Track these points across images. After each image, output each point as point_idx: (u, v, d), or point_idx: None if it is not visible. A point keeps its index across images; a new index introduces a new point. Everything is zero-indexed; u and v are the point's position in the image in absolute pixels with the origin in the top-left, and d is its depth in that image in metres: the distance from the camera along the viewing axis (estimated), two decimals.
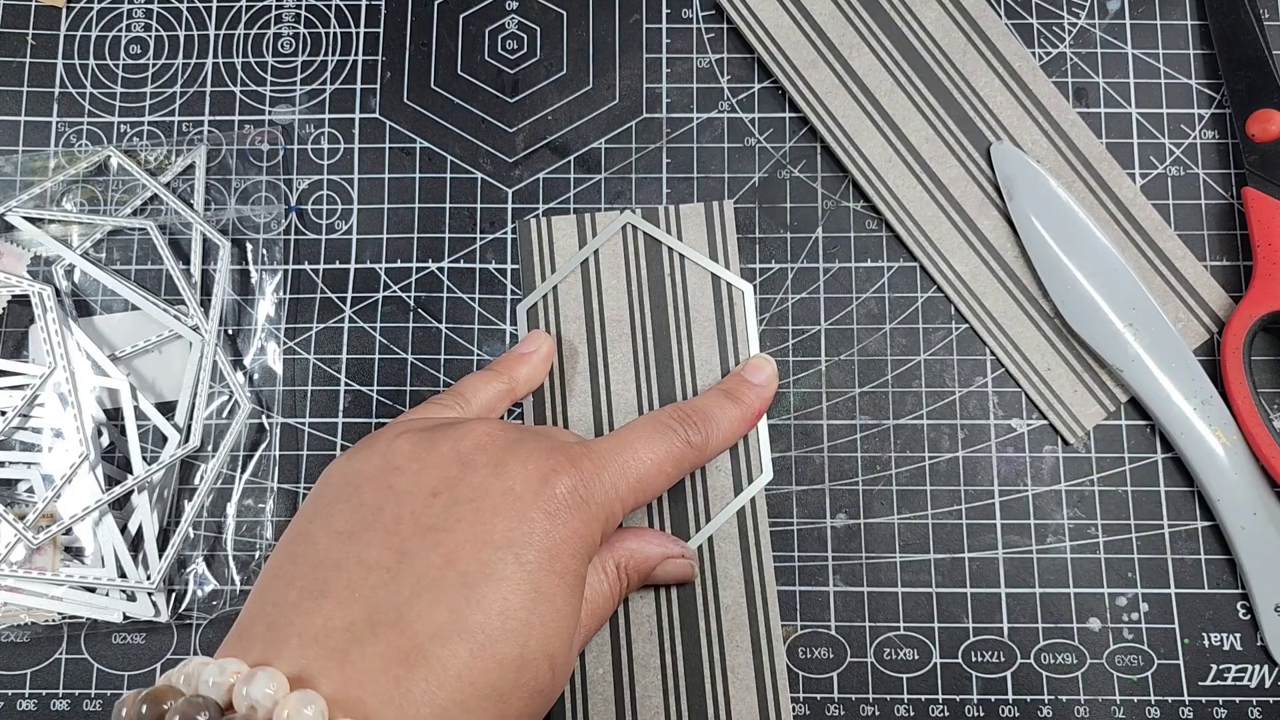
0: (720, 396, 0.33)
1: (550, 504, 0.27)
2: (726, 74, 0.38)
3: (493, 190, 0.38)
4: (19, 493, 0.35)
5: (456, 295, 0.37)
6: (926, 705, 0.34)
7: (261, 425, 0.36)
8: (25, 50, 0.39)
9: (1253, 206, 0.35)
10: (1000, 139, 0.37)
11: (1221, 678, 0.34)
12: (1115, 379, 0.35)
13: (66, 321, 0.36)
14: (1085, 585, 0.35)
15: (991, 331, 0.36)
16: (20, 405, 0.35)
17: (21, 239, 0.37)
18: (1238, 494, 0.34)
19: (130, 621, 0.35)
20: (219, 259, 0.37)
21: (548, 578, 0.26)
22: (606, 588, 0.31)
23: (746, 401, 0.34)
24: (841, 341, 0.37)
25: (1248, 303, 0.35)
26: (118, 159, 0.37)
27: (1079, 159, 0.37)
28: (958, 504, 0.35)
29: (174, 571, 0.35)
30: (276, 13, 0.39)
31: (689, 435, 0.31)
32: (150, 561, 0.35)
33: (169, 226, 0.37)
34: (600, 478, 0.28)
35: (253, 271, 0.37)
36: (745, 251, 0.37)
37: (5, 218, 0.37)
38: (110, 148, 0.37)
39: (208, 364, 0.36)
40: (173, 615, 0.35)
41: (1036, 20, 0.38)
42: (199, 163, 0.38)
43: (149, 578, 0.34)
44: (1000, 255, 0.36)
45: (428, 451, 0.28)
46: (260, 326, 0.37)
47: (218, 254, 0.37)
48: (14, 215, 0.37)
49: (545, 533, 0.26)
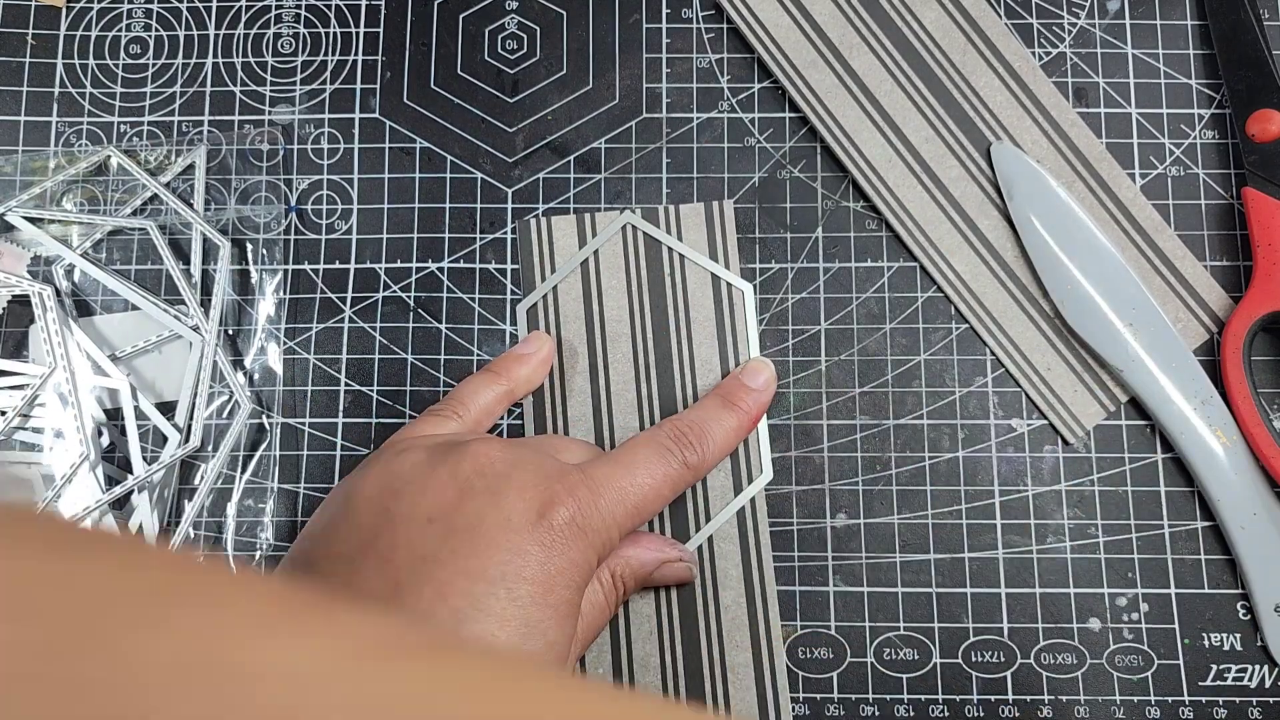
0: (717, 406, 0.33)
1: (546, 536, 0.27)
2: (726, 74, 0.38)
3: (493, 190, 0.38)
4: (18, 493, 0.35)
5: (456, 295, 0.37)
6: (926, 705, 0.34)
7: (262, 425, 0.36)
8: (25, 50, 0.39)
9: (1253, 207, 0.35)
10: (1000, 139, 0.37)
11: (1221, 678, 0.34)
12: (1115, 379, 0.35)
13: (66, 321, 0.36)
14: (1085, 585, 0.35)
15: (991, 331, 0.36)
16: (20, 405, 0.35)
17: (21, 239, 0.37)
18: (1238, 494, 0.34)
19: None
20: (219, 259, 0.37)
21: (540, 611, 0.26)
22: (602, 598, 0.31)
23: (744, 408, 0.34)
24: (841, 341, 0.37)
25: (1248, 303, 0.35)
26: (118, 159, 0.37)
27: (1079, 159, 0.37)
28: (958, 504, 0.35)
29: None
30: (276, 13, 0.39)
31: (686, 456, 0.31)
32: None
33: (169, 226, 0.37)
34: (598, 505, 0.28)
35: (253, 272, 0.37)
36: (745, 251, 0.37)
37: (5, 218, 0.37)
38: (110, 148, 0.37)
39: (208, 364, 0.36)
40: None
41: (1036, 20, 0.38)
42: (199, 163, 0.38)
43: None
44: (1000, 255, 0.36)
45: (425, 476, 0.28)
46: (260, 327, 0.37)
47: (218, 254, 0.37)
48: (14, 215, 0.37)
49: (540, 565, 0.26)
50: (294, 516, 0.36)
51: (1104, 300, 0.35)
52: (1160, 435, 0.35)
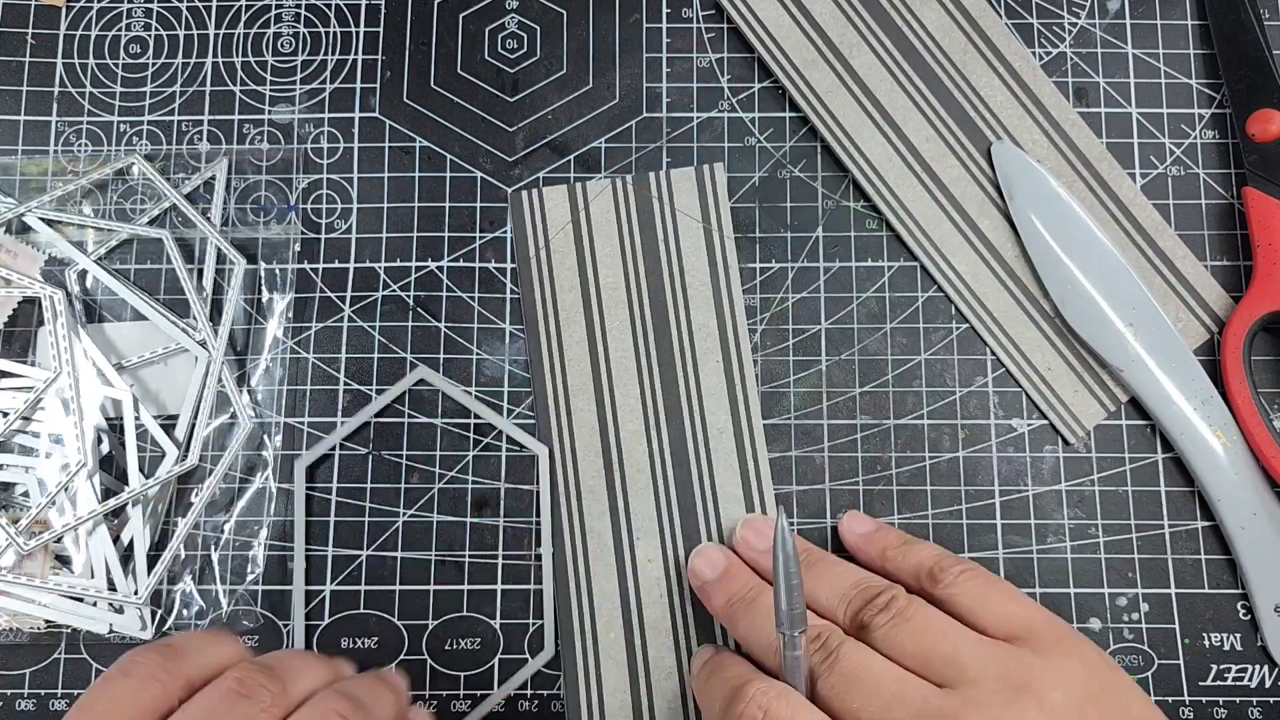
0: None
1: None
2: (726, 74, 0.38)
3: (492, 189, 0.38)
4: (15, 496, 0.35)
5: (456, 294, 0.37)
6: None
7: (260, 447, 0.36)
8: (25, 50, 0.39)
9: (1253, 206, 0.35)
10: (1001, 139, 0.37)
11: (1221, 678, 0.34)
12: (1115, 379, 0.35)
13: (75, 327, 0.36)
14: (1085, 585, 0.35)
15: (992, 331, 0.36)
16: (23, 408, 0.35)
17: (38, 240, 0.37)
18: (1238, 494, 0.34)
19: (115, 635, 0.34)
20: (233, 277, 0.36)
21: None
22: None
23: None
24: (842, 341, 0.37)
25: (1248, 302, 0.35)
26: (140, 166, 0.37)
27: (1079, 159, 0.37)
28: (958, 504, 0.35)
29: (162, 587, 0.35)
30: (276, 12, 0.39)
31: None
32: (139, 576, 0.34)
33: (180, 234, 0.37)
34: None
35: (264, 292, 0.37)
36: (745, 251, 0.37)
37: (24, 218, 0.37)
38: (136, 155, 0.37)
39: (212, 380, 0.36)
40: (157, 634, 0.35)
41: (1036, 20, 0.38)
42: (219, 175, 0.38)
43: (136, 592, 0.34)
44: (1001, 255, 0.36)
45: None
46: (268, 348, 0.37)
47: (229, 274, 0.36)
48: (31, 216, 0.37)
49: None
50: (292, 517, 0.36)
51: (1104, 300, 0.35)
52: (1160, 435, 0.35)
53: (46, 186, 0.37)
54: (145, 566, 0.34)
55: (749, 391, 0.35)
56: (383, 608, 0.35)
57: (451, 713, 0.34)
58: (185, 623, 0.35)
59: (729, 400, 0.35)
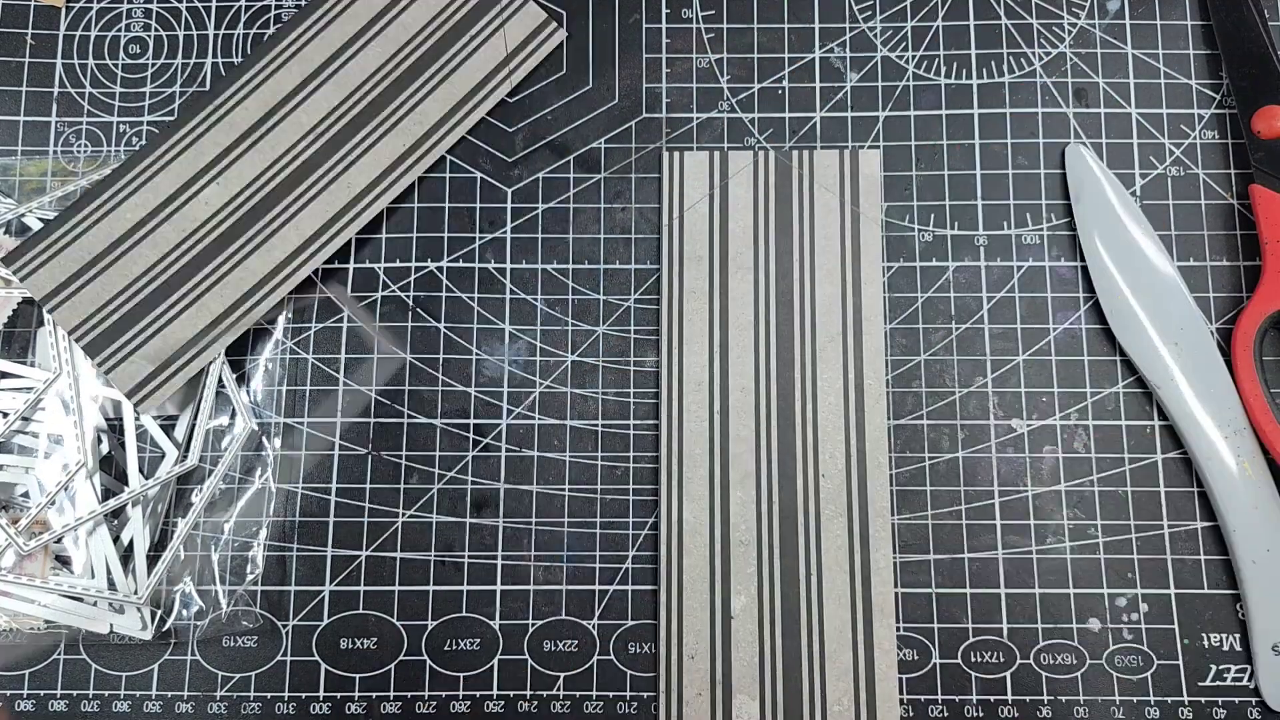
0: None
1: None
2: (726, 74, 0.38)
3: (492, 189, 0.38)
4: (15, 496, 0.35)
5: (455, 295, 0.37)
6: (926, 705, 0.34)
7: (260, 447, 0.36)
8: (24, 50, 0.39)
9: (1260, 203, 0.35)
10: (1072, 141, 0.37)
11: (1221, 678, 0.34)
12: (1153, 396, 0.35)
13: None
14: (1085, 586, 0.35)
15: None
16: (23, 409, 0.35)
17: None
18: (1254, 528, 0.34)
19: (115, 635, 0.34)
20: None
21: None
22: None
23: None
24: None
25: (1258, 300, 0.35)
26: None
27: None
28: (958, 504, 0.35)
29: (162, 587, 0.35)
30: (276, 12, 0.39)
31: None
32: (139, 577, 0.34)
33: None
34: None
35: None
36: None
37: (23, 218, 0.37)
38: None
39: (212, 381, 0.36)
40: (157, 634, 0.35)
41: (1036, 20, 0.38)
42: None
43: (136, 592, 0.34)
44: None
45: None
46: (268, 348, 0.37)
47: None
48: (31, 216, 0.37)
49: None
50: (292, 517, 0.36)
51: (1151, 316, 0.35)
52: (1160, 435, 0.35)
53: (46, 187, 0.37)
54: (145, 567, 0.35)
55: (865, 371, 0.35)
56: (382, 608, 0.35)
57: (451, 713, 0.35)
58: (185, 623, 0.35)
59: (843, 384, 0.35)
